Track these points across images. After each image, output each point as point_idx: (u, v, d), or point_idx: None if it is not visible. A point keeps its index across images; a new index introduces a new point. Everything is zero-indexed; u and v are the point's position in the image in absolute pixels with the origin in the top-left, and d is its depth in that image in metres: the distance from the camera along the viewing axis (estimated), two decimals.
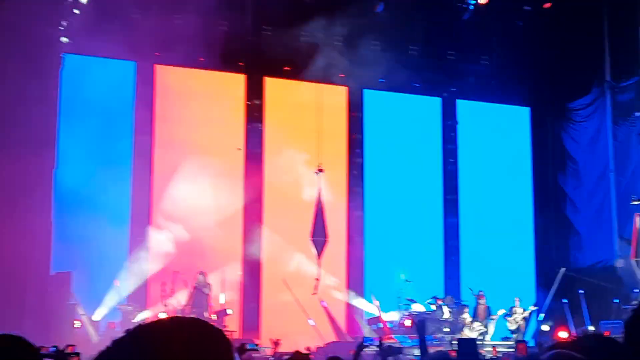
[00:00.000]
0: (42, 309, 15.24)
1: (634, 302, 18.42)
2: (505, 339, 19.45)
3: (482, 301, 20.00)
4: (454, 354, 8.31)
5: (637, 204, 20.20)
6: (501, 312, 19.97)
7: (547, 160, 23.73)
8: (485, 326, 19.49)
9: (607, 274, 20.54)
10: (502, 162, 23.36)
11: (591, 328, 18.23)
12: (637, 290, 18.61)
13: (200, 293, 18.07)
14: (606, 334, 17.89)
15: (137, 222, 19.53)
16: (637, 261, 19.42)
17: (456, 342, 7.21)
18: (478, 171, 23.06)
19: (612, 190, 21.85)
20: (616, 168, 21.78)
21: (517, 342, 10.19)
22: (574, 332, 18.20)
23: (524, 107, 24.14)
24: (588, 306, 19.16)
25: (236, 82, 21.47)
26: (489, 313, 19.83)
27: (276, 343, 13.84)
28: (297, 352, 6.92)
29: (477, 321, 19.47)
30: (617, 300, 18.82)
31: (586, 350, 2.71)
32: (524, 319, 20.02)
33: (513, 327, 19.82)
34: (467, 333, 19.07)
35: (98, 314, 18.10)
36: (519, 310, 19.98)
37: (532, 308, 20.37)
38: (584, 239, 22.57)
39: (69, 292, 16.79)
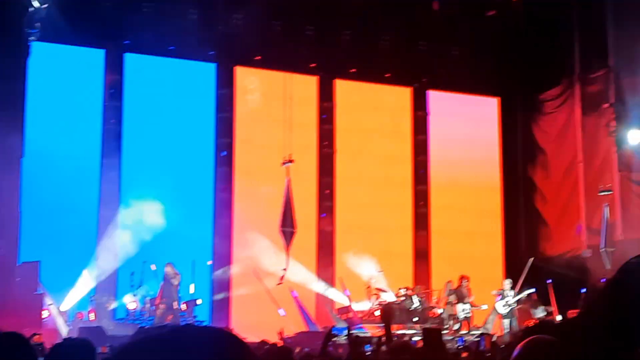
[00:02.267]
0: (9, 298, 15.11)
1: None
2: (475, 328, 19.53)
3: (465, 283, 19.77)
4: (421, 343, 8.35)
5: (605, 195, 20.39)
6: (494, 294, 19.64)
7: (516, 151, 23.87)
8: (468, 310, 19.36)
9: (576, 263, 20.74)
10: (471, 152, 23.47)
11: (559, 318, 18.39)
12: (605, 280, 18.79)
13: (169, 285, 18.00)
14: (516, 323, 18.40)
15: (105, 212, 19.39)
16: (604, 251, 19.59)
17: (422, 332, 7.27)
18: (448, 161, 23.13)
19: (581, 181, 22.03)
20: (585, 159, 21.95)
21: (483, 334, 10.21)
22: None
23: (494, 98, 24.25)
24: (556, 296, 19.33)
25: (207, 72, 21.37)
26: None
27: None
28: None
29: (462, 303, 19.38)
30: (585, 290, 18.99)
31: (558, 333, 2.74)
32: (518, 300, 19.41)
33: (505, 311, 19.32)
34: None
35: (66, 304, 17.96)
36: (510, 293, 19.45)
37: (528, 291, 19.59)
38: (552, 229, 22.75)
39: (37, 282, 16.65)
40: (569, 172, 22.46)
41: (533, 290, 19.50)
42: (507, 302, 19.30)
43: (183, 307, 18.42)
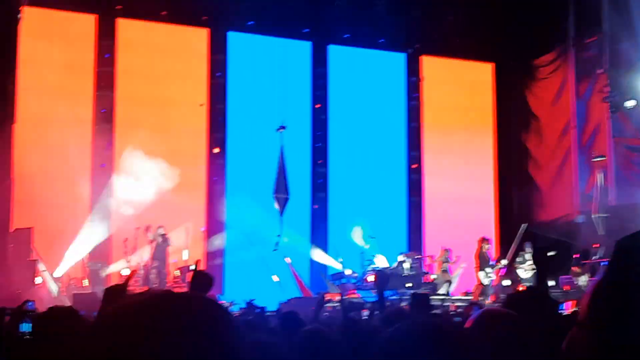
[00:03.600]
0: (2, 265, 15.11)
1: (594, 258, 18.69)
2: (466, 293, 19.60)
3: (486, 246, 19.30)
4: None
5: (598, 161, 20.40)
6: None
7: (510, 117, 23.83)
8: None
9: (569, 229, 20.78)
10: (466, 118, 23.44)
11: (551, 283, 18.41)
12: (597, 246, 18.84)
13: (160, 247, 18.01)
14: (565, 288, 18.20)
15: (98, 177, 19.35)
16: (598, 217, 19.64)
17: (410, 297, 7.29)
18: (441, 127, 23.10)
19: (575, 147, 22.03)
20: (578, 125, 21.93)
21: (472, 303, 10.18)
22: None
23: (488, 64, 24.16)
24: (549, 261, 19.37)
25: (199, 37, 21.23)
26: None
27: None
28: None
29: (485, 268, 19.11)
30: (578, 256, 19.07)
31: (518, 305, 2.72)
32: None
33: (527, 275, 18.90)
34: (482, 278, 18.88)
35: (60, 270, 17.97)
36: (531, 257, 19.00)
37: (550, 253, 18.92)
38: (545, 195, 22.78)
39: (30, 248, 16.64)
40: (563, 138, 22.44)
41: (554, 252, 18.93)
42: (530, 264, 18.85)
43: (177, 272, 18.45)
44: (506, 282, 19.14)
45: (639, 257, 1.11)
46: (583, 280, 18.15)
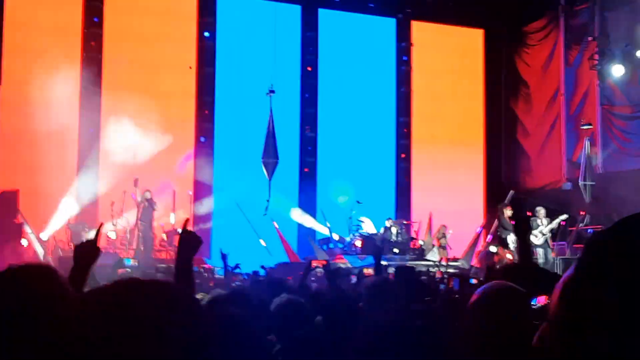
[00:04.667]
0: None
1: (580, 225, 18.78)
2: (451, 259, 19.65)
3: (508, 212, 18.67)
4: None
5: (586, 129, 20.42)
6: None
7: (500, 83, 23.80)
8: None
9: (555, 196, 20.85)
10: (456, 84, 23.39)
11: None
12: (583, 213, 18.92)
13: (146, 210, 17.98)
14: (552, 254, 18.29)
15: (85, 140, 19.25)
16: (584, 185, 19.71)
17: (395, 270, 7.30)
18: (431, 93, 23.06)
19: (563, 114, 22.04)
20: (567, 92, 21.93)
21: (452, 274, 10.14)
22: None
23: (478, 30, 24.06)
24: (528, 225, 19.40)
25: None
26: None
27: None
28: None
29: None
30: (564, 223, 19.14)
31: (519, 278, 2.70)
32: (552, 230, 18.43)
33: (540, 241, 18.22)
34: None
35: (46, 233, 17.94)
36: (544, 221, 18.35)
37: (562, 217, 18.48)
38: (533, 162, 22.83)
39: (16, 211, 16.59)
40: (551, 105, 22.45)
41: (566, 216, 18.64)
42: (540, 231, 18.25)
43: (163, 236, 18.46)
44: (493, 249, 19.21)
45: (613, 256, 1.09)
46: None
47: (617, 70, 19.85)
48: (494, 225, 19.63)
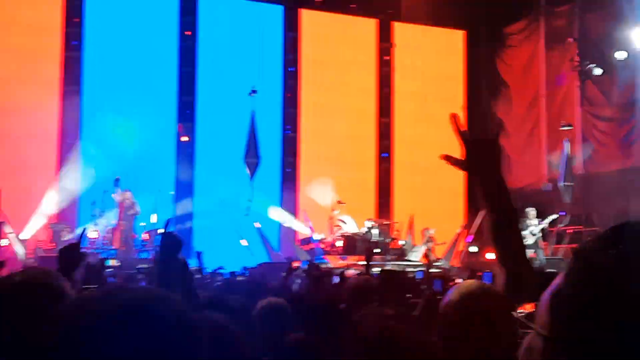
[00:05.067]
0: None
1: (560, 225, 18.88)
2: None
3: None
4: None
5: (566, 130, 20.53)
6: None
7: (481, 84, 23.87)
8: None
9: (536, 196, 20.94)
10: (436, 85, 23.44)
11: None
12: (564, 213, 19.01)
13: (127, 210, 17.91)
14: (543, 254, 18.38)
15: (66, 140, 19.16)
16: (564, 185, 19.81)
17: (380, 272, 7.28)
18: (412, 94, 23.09)
19: (544, 115, 22.15)
20: (547, 93, 22.04)
21: (434, 275, 10.12)
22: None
23: (459, 31, 24.13)
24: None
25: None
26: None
27: None
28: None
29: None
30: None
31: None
32: (542, 230, 18.39)
33: (531, 241, 18.06)
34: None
35: (27, 233, 17.82)
36: (534, 222, 18.26)
37: (552, 217, 18.51)
38: (514, 163, 22.90)
39: None
40: (532, 106, 22.56)
41: (556, 216, 18.70)
42: (531, 230, 18.23)
43: (145, 236, 18.39)
44: (473, 249, 19.28)
45: (606, 268, 1.08)
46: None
47: (597, 72, 19.95)
48: (474, 225, 19.69)
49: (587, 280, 1.05)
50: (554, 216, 18.64)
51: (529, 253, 17.83)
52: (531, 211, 18.61)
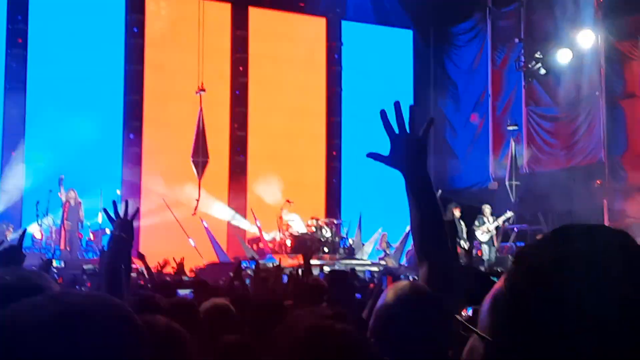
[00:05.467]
0: None
1: (506, 224, 19.09)
2: (382, 257, 19.75)
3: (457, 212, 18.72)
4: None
5: (512, 129, 20.77)
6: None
7: (429, 84, 24.05)
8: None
9: (482, 195, 21.16)
10: (385, 84, 23.53)
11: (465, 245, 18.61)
12: (510, 212, 19.21)
13: (72, 210, 17.67)
14: (479, 253, 18.56)
15: (10, 138, 18.85)
16: (510, 184, 20.04)
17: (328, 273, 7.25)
18: (361, 93, 23.15)
19: (490, 114, 22.39)
20: (494, 93, 22.29)
21: (382, 273, 10.12)
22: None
23: (407, 30, 24.26)
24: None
25: None
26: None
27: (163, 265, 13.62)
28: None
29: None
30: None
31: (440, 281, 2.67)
32: (497, 227, 18.67)
33: (485, 238, 18.48)
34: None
35: None
36: (490, 219, 18.59)
37: (507, 215, 18.78)
38: (461, 162, 23.13)
39: None
40: (479, 105, 22.78)
41: (511, 214, 18.94)
42: (487, 228, 18.51)
43: (91, 236, 18.17)
44: None
45: (541, 273, 1.07)
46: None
47: (542, 71, 20.20)
48: None
49: (526, 282, 1.05)
50: (509, 214, 18.84)
51: (484, 248, 18.11)
52: (487, 208, 18.85)
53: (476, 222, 18.89)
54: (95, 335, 1.11)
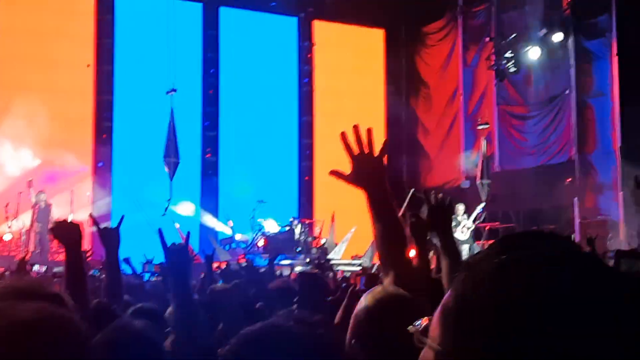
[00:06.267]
0: None
1: (478, 222, 19.16)
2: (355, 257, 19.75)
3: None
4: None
5: (483, 128, 20.87)
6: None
7: (400, 83, 24.10)
8: None
9: (454, 194, 21.20)
10: (357, 83, 23.57)
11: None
12: (482, 207, 19.25)
13: (42, 212, 17.52)
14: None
15: None
16: (481, 183, 20.13)
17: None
18: (333, 92, 23.17)
19: (462, 113, 22.50)
20: (465, 92, 22.39)
21: (358, 273, 10.11)
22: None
23: (379, 29, 24.31)
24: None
25: None
26: None
27: None
28: None
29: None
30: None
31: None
32: (474, 221, 18.55)
33: (465, 236, 18.28)
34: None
35: None
36: (464, 217, 18.46)
37: (480, 206, 18.74)
38: (433, 161, 23.21)
39: None
40: (450, 104, 22.89)
41: (483, 204, 18.93)
42: (464, 225, 18.40)
43: None
44: None
45: (485, 281, 1.07)
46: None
47: (512, 70, 20.29)
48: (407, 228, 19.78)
49: (471, 290, 1.06)
50: (482, 205, 18.86)
51: (464, 247, 18.06)
52: (460, 206, 18.90)
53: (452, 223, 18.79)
54: (40, 350, 1.09)
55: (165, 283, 7.66)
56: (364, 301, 2.57)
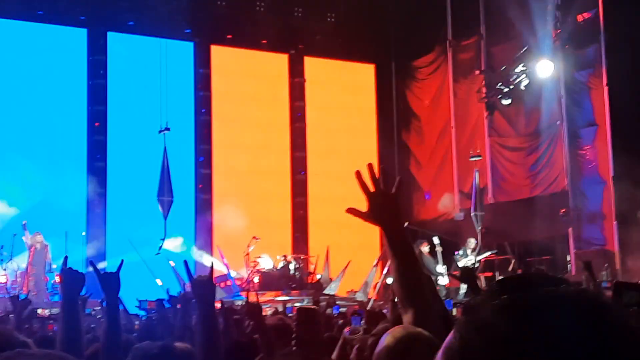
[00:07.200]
0: None
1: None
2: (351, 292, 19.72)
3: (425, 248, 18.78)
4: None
5: (475, 160, 20.93)
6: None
7: (392, 118, 24.19)
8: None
9: (448, 227, 21.25)
10: (348, 119, 23.66)
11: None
12: (475, 241, 19.29)
13: (38, 253, 17.46)
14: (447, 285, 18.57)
15: None
16: (475, 215, 20.15)
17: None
18: (325, 128, 23.26)
19: (454, 146, 22.57)
20: (457, 125, 22.49)
21: (360, 312, 10.12)
22: None
23: (369, 65, 24.46)
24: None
25: (78, 38, 20.71)
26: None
27: None
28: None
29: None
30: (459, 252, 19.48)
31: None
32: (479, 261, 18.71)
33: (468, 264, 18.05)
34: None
35: None
36: (472, 253, 18.66)
37: (489, 252, 18.93)
38: (426, 194, 23.24)
39: None
40: (442, 137, 22.97)
41: (495, 251, 19.06)
42: (469, 260, 18.48)
43: (57, 279, 17.91)
44: (389, 280, 19.36)
45: (485, 322, 1.10)
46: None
47: (505, 102, 20.36)
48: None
49: (473, 332, 1.08)
50: (492, 251, 18.97)
51: (462, 286, 17.97)
52: (471, 240, 18.96)
53: (460, 252, 18.89)
54: None
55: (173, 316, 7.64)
56: (384, 341, 2.63)
